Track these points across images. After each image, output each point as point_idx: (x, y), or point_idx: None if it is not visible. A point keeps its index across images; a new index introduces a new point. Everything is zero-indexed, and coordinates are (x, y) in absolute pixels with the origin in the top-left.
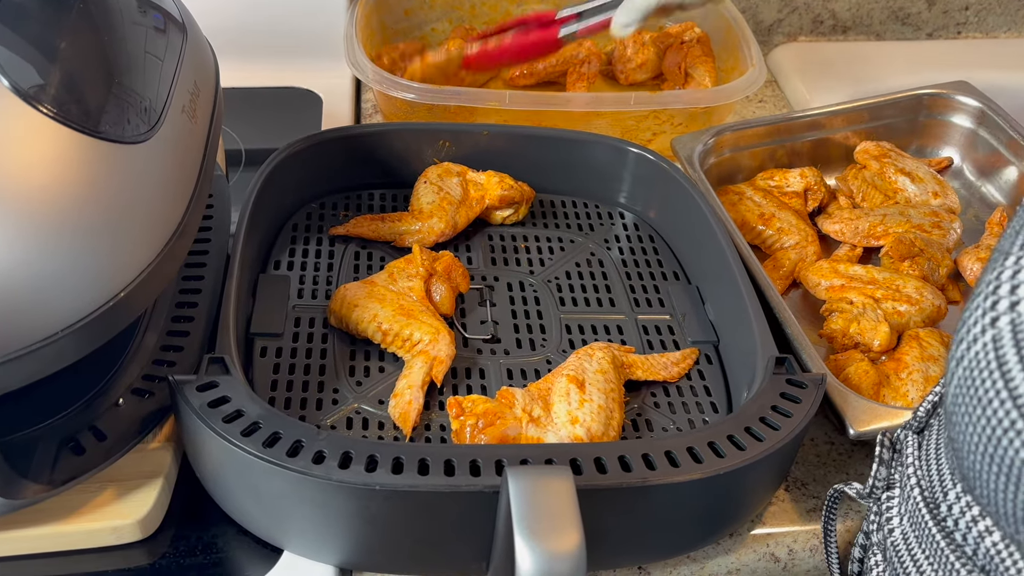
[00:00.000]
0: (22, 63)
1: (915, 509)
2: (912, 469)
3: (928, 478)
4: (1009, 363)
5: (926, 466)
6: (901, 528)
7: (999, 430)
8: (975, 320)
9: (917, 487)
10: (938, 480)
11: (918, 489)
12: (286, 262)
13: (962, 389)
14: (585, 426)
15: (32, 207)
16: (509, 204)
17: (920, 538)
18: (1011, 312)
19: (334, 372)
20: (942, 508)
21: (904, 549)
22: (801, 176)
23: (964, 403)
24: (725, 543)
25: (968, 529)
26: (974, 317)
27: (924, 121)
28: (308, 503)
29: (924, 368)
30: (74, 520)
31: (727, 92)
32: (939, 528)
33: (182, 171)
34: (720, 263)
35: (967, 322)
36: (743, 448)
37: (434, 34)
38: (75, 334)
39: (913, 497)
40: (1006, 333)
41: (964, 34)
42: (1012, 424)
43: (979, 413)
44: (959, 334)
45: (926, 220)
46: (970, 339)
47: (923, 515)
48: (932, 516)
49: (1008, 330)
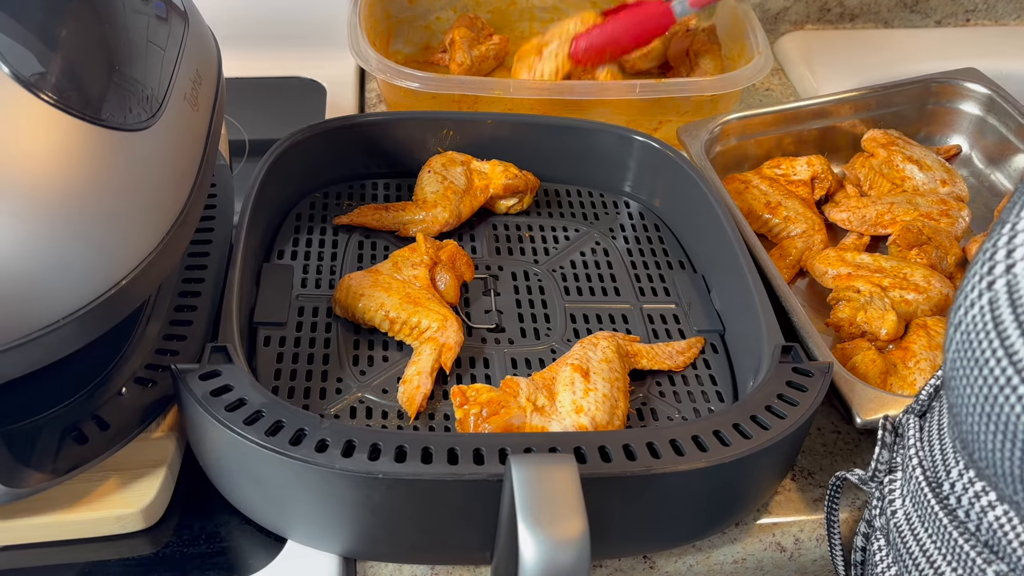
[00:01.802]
0: (23, 50)
1: (917, 489)
2: (914, 450)
3: (931, 458)
4: (1005, 323)
5: (928, 447)
6: (904, 510)
7: (995, 388)
8: (972, 286)
9: (919, 467)
10: (940, 459)
11: (920, 469)
12: (290, 251)
13: (960, 353)
14: (590, 415)
15: (34, 195)
16: (513, 193)
17: (923, 517)
18: (1007, 275)
19: (338, 361)
20: (944, 486)
21: (907, 530)
22: (808, 164)
23: (962, 366)
24: (731, 532)
25: (971, 505)
26: (971, 283)
27: (932, 108)
28: (311, 492)
29: (932, 357)
30: (77, 509)
31: (733, 80)
32: (942, 506)
33: (184, 159)
34: (726, 252)
35: (964, 289)
36: (749, 437)
37: (438, 23)
38: (77, 322)
39: (915, 477)
40: (1002, 295)
41: (973, 21)
42: (1008, 381)
43: (976, 374)
44: (957, 301)
45: (934, 208)
46: (967, 304)
47: (926, 494)
48: (935, 495)
49: (1004, 292)
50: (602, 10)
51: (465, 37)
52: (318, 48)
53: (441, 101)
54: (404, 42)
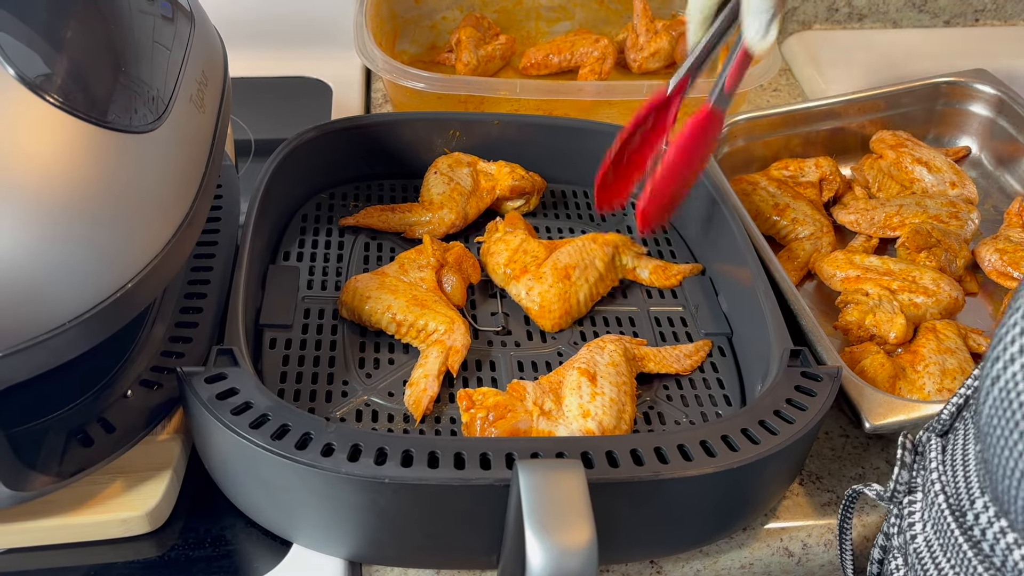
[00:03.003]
0: (28, 52)
1: (939, 516)
2: (936, 475)
3: (954, 484)
4: None
5: (951, 472)
6: (924, 535)
7: None
8: (1012, 338)
9: (942, 493)
10: (964, 487)
11: (943, 496)
12: (295, 253)
13: (998, 411)
14: (597, 419)
15: (39, 197)
16: (520, 194)
17: (944, 546)
18: None
19: (344, 364)
20: (968, 517)
21: (928, 556)
22: (816, 166)
23: (1000, 426)
24: (738, 537)
25: (996, 540)
26: (1011, 335)
27: (941, 110)
28: (317, 496)
29: (941, 361)
30: (83, 512)
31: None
32: (965, 537)
33: (190, 161)
34: (733, 254)
35: (1003, 339)
36: (757, 442)
37: (445, 23)
38: (83, 325)
39: (938, 504)
40: None
41: (982, 21)
42: None
43: (1016, 438)
44: (994, 351)
45: (943, 210)
46: (1007, 358)
47: (948, 523)
48: (958, 524)
49: None
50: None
51: (471, 37)
52: (324, 48)
53: (447, 101)
54: (410, 42)
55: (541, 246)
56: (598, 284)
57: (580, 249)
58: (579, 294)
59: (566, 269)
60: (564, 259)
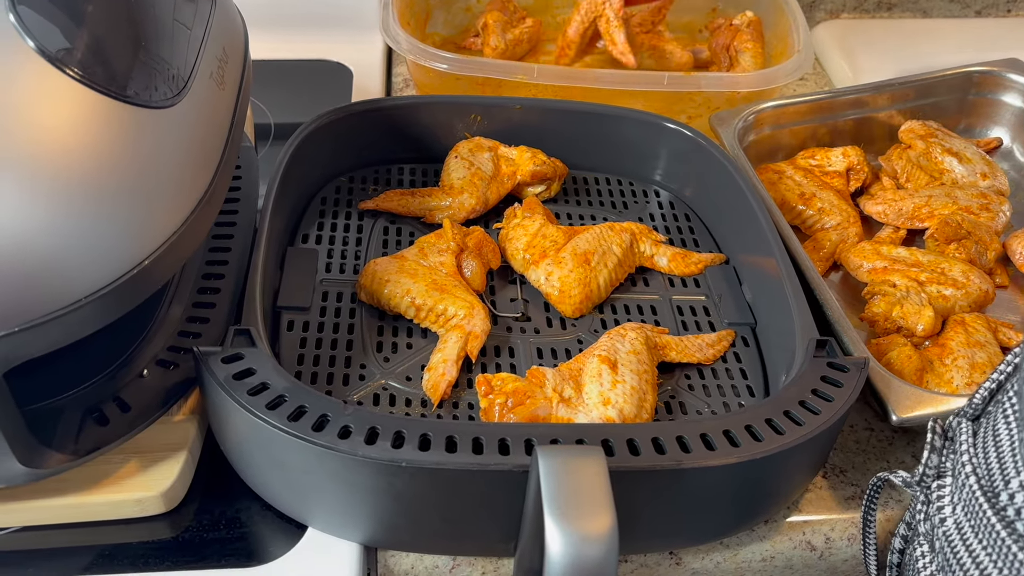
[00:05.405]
0: (49, 26)
1: (971, 498)
2: (967, 457)
3: (985, 465)
4: None
5: (983, 454)
6: (954, 517)
7: None
8: None
9: (973, 475)
10: (998, 467)
11: (974, 477)
12: (314, 236)
13: None
14: (617, 407)
15: (57, 170)
16: (541, 180)
17: (976, 528)
18: None
19: (361, 347)
20: (1002, 496)
21: (958, 539)
22: (844, 155)
23: None
24: (760, 530)
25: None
26: None
27: (973, 99)
28: (333, 479)
29: (970, 354)
30: (97, 491)
31: (766, 77)
32: (999, 517)
33: (209, 138)
34: (758, 243)
35: None
36: (782, 432)
37: (480, 5)
38: (100, 301)
39: (969, 485)
40: None
41: (1015, 12)
42: None
43: None
44: None
45: (974, 202)
46: None
47: (980, 504)
48: (991, 504)
49: None
50: None
51: (498, 21)
52: (345, 31)
53: (467, 84)
54: (443, 24)
55: (560, 231)
56: (616, 270)
57: (598, 236)
58: (599, 278)
59: (585, 254)
60: (583, 245)
